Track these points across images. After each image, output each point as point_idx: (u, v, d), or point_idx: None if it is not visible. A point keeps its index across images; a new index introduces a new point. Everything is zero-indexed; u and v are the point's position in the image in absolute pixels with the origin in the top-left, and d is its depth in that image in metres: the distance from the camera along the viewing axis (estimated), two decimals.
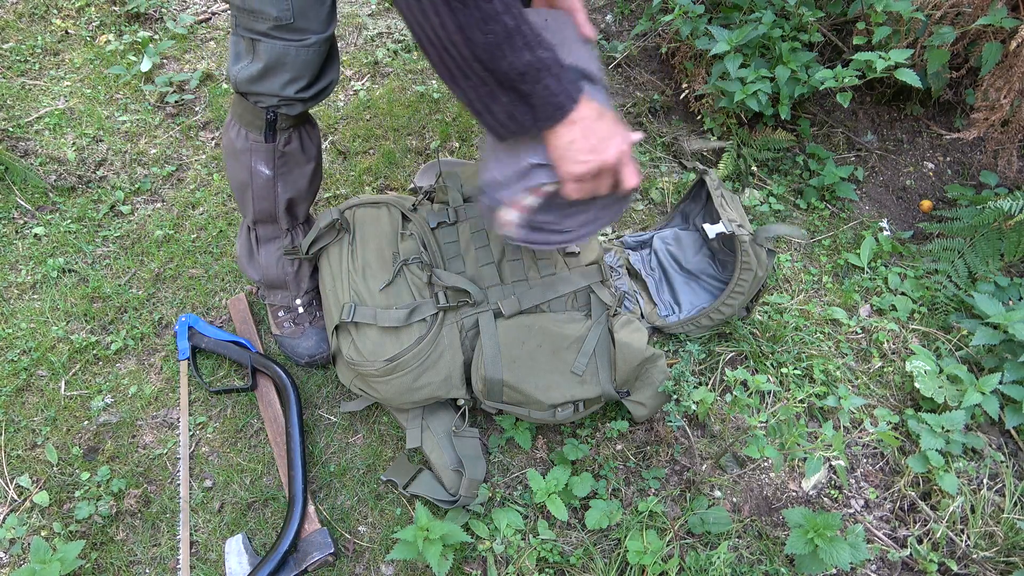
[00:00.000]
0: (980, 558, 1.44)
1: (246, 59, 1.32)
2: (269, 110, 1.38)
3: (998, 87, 1.83)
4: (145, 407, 1.63)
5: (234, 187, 1.53)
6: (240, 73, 1.33)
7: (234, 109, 1.43)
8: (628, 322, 1.46)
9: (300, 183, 1.53)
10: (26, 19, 2.44)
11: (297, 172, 1.52)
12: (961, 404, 1.59)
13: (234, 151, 1.46)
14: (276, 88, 1.33)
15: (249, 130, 1.42)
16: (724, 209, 1.66)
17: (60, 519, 1.47)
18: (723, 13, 2.03)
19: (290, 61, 1.29)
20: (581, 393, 1.43)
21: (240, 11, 1.25)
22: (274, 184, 1.50)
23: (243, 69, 1.33)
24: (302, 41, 1.27)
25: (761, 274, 1.62)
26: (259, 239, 1.60)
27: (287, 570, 1.37)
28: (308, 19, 1.24)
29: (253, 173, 1.47)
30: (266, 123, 1.40)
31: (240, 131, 1.43)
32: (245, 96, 1.38)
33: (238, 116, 1.42)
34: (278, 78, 1.32)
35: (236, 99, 1.40)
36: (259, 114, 1.39)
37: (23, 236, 1.91)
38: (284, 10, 1.22)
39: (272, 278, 1.63)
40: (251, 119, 1.41)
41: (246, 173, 1.48)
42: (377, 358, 1.42)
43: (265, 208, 1.53)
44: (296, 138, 1.48)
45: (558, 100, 1.02)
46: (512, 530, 1.44)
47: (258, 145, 1.43)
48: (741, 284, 1.62)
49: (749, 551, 1.46)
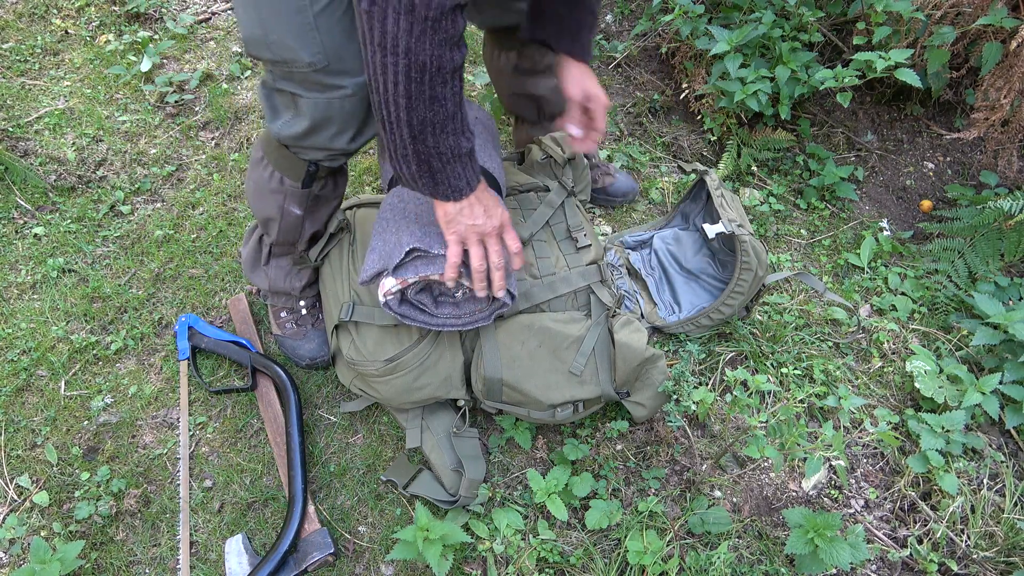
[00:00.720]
0: (980, 558, 1.44)
1: (287, 114, 1.30)
2: (311, 163, 1.37)
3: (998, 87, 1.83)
4: (145, 407, 1.63)
5: (258, 216, 1.50)
6: (284, 130, 1.30)
7: (269, 151, 1.39)
8: (628, 322, 1.46)
9: (325, 217, 1.53)
10: (26, 19, 2.44)
11: (324, 209, 1.52)
12: (961, 404, 1.59)
13: (266, 190, 1.43)
14: (323, 142, 1.31)
15: (286, 175, 1.40)
16: (724, 209, 1.66)
17: (60, 519, 1.47)
18: (723, 13, 2.03)
19: (335, 114, 1.26)
20: (580, 393, 1.43)
21: (274, 64, 1.21)
22: (303, 222, 1.49)
23: (286, 126, 1.30)
24: (342, 90, 1.23)
25: (761, 273, 1.62)
26: (272, 254, 1.60)
27: (287, 570, 1.37)
28: (343, 60, 1.20)
29: (284, 212, 1.46)
30: (307, 173, 1.38)
31: (274, 174, 1.40)
32: (286, 146, 1.36)
33: (275, 161, 1.39)
34: (325, 132, 1.29)
35: (275, 146, 1.37)
36: (300, 164, 1.37)
37: (23, 236, 1.91)
38: (316, 54, 1.17)
39: (279, 289, 1.63)
40: (289, 167, 1.38)
41: (275, 211, 1.46)
42: (377, 358, 1.42)
43: (289, 239, 1.53)
44: (331, 183, 1.47)
45: (459, 184, 1.14)
46: (512, 530, 1.44)
47: (294, 189, 1.42)
48: (741, 284, 1.62)
49: (749, 551, 1.46)
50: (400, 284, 1.28)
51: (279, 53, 1.18)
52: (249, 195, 1.49)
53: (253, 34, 1.18)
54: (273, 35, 1.16)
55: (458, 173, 1.13)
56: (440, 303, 1.35)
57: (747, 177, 2.10)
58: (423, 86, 1.00)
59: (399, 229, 1.28)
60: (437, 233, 1.25)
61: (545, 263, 1.54)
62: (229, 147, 2.15)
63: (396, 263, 1.25)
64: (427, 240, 1.24)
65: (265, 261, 1.61)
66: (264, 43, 1.17)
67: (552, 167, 1.68)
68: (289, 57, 1.18)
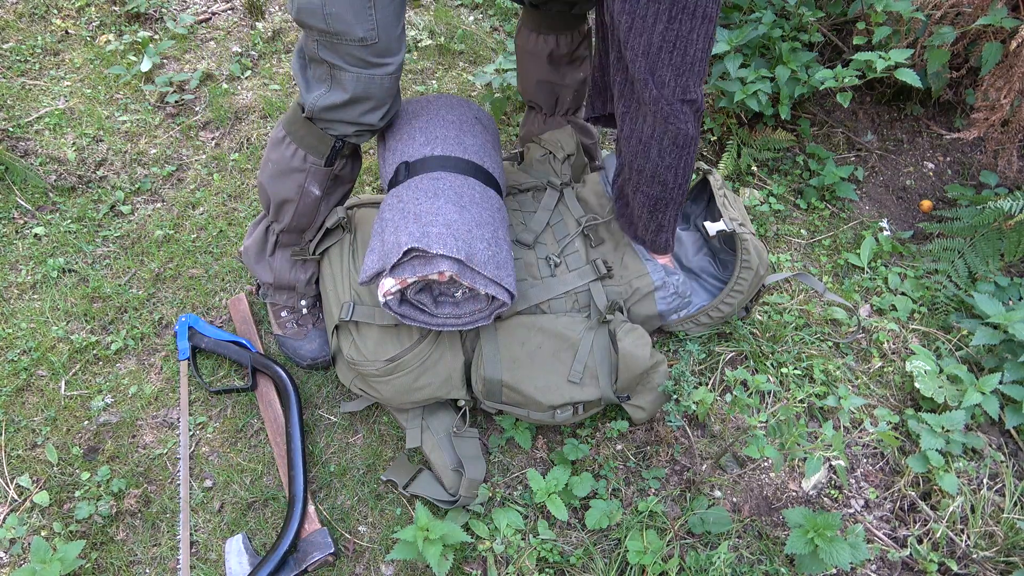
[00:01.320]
0: (980, 558, 1.44)
1: (322, 87, 1.32)
2: (339, 139, 1.39)
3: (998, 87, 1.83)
4: (145, 407, 1.63)
5: (273, 199, 1.51)
6: (319, 101, 1.32)
7: (293, 129, 1.41)
8: (632, 329, 1.46)
9: (337, 202, 1.55)
10: (26, 19, 2.44)
11: (340, 191, 1.54)
12: (961, 404, 1.59)
13: (287, 170, 1.45)
14: (356, 116, 1.34)
15: (310, 153, 1.42)
16: (727, 208, 1.66)
17: (60, 519, 1.47)
18: (723, 13, 2.03)
19: (375, 90, 1.30)
20: (580, 395, 1.43)
21: (323, 34, 1.24)
22: (319, 203, 1.51)
23: (322, 97, 1.32)
24: (385, 67, 1.28)
25: (762, 272, 1.62)
26: (279, 243, 1.60)
27: (287, 570, 1.37)
28: (390, 39, 1.25)
29: (303, 193, 1.47)
30: (332, 150, 1.41)
31: (297, 151, 1.42)
32: (313, 121, 1.37)
33: (299, 138, 1.41)
34: (360, 107, 1.33)
35: (301, 122, 1.39)
36: (326, 140, 1.39)
37: (23, 236, 1.91)
38: (369, 30, 1.22)
39: (283, 282, 1.63)
40: (315, 144, 1.40)
41: (295, 191, 1.47)
42: (378, 358, 1.42)
43: (303, 223, 1.54)
44: (350, 162, 1.50)
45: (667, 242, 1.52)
46: (512, 530, 1.44)
47: (316, 168, 1.44)
48: (741, 282, 1.61)
49: (749, 551, 1.46)
50: (399, 284, 1.28)
51: (333, 25, 1.21)
52: (266, 178, 1.50)
53: (311, 2, 1.20)
54: (332, 7, 1.19)
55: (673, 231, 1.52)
56: (440, 303, 1.36)
57: (747, 177, 2.10)
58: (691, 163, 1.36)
59: (398, 229, 1.28)
60: (436, 233, 1.25)
61: (545, 264, 1.54)
62: (229, 147, 2.15)
63: (394, 263, 1.25)
64: (425, 240, 1.24)
65: (271, 251, 1.61)
66: (320, 13, 1.20)
67: (551, 163, 1.69)
68: (342, 30, 1.21)
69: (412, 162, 1.42)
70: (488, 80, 2.19)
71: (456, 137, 1.46)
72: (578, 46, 1.72)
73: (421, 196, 1.33)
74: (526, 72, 1.81)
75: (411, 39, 2.48)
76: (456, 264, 1.25)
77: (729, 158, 2.08)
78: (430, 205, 1.31)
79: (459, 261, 1.25)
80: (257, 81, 2.33)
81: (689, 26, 1.17)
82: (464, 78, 2.38)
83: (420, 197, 1.33)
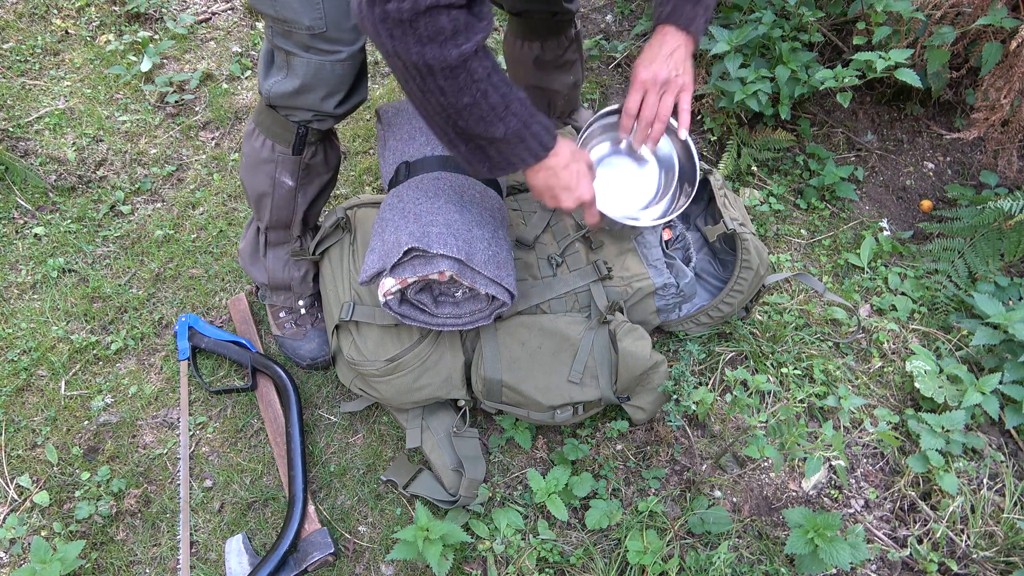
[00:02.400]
0: (980, 558, 1.44)
1: (279, 74, 1.32)
2: (301, 125, 1.38)
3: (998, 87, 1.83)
4: (145, 407, 1.63)
5: (251, 194, 1.52)
6: (274, 88, 1.32)
7: (260, 120, 1.41)
8: (632, 329, 1.46)
9: (317, 192, 1.54)
10: (26, 19, 2.44)
11: (316, 182, 1.53)
12: (961, 404, 1.59)
13: (257, 161, 1.45)
14: (312, 103, 1.33)
15: (276, 142, 1.41)
16: (727, 208, 1.66)
17: (60, 519, 1.47)
18: (723, 13, 2.03)
19: (326, 76, 1.29)
20: (580, 396, 1.43)
21: (274, 21, 1.24)
22: (295, 195, 1.50)
23: (277, 84, 1.32)
24: (336, 55, 1.27)
25: (763, 272, 1.62)
26: (268, 242, 1.60)
27: (287, 570, 1.37)
28: (341, 28, 1.24)
29: (276, 184, 1.47)
30: (296, 137, 1.40)
31: (266, 142, 1.42)
32: (275, 109, 1.37)
33: (265, 128, 1.41)
34: (314, 93, 1.32)
35: (265, 111, 1.39)
36: (289, 127, 1.39)
37: (23, 236, 1.91)
38: (317, 19, 1.21)
39: (278, 281, 1.63)
40: (279, 132, 1.40)
41: (267, 183, 1.47)
42: (378, 358, 1.42)
43: (282, 217, 1.53)
44: (321, 151, 1.48)
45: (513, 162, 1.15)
46: (512, 530, 1.44)
47: (284, 157, 1.43)
48: (741, 282, 1.61)
49: (749, 551, 1.46)
50: (399, 284, 1.28)
51: (281, 12, 1.21)
52: (243, 172, 1.50)
53: None
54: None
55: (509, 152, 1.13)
56: (440, 303, 1.36)
57: (747, 177, 2.10)
58: (427, 83, 1.02)
59: (398, 229, 1.28)
60: (436, 233, 1.25)
61: (546, 263, 1.54)
62: (229, 147, 2.15)
63: (394, 262, 1.25)
64: (426, 239, 1.24)
65: (263, 252, 1.61)
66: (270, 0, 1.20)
67: None
68: (291, 17, 1.21)
69: (412, 162, 1.42)
70: None
71: None
72: (565, 51, 1.71)
73: (421, 196, 1.33)
74: (515, 77, 1.82)
75: None
76: (456, 264, 1.25)
77: (729, 158, 2.08)
78: (430, 205, 1.31)
79: (459, 261, 1.25)
80: (257, 81, 2.33)
81: None
82: None
83: (420, 197, 1.33)
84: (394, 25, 0.95)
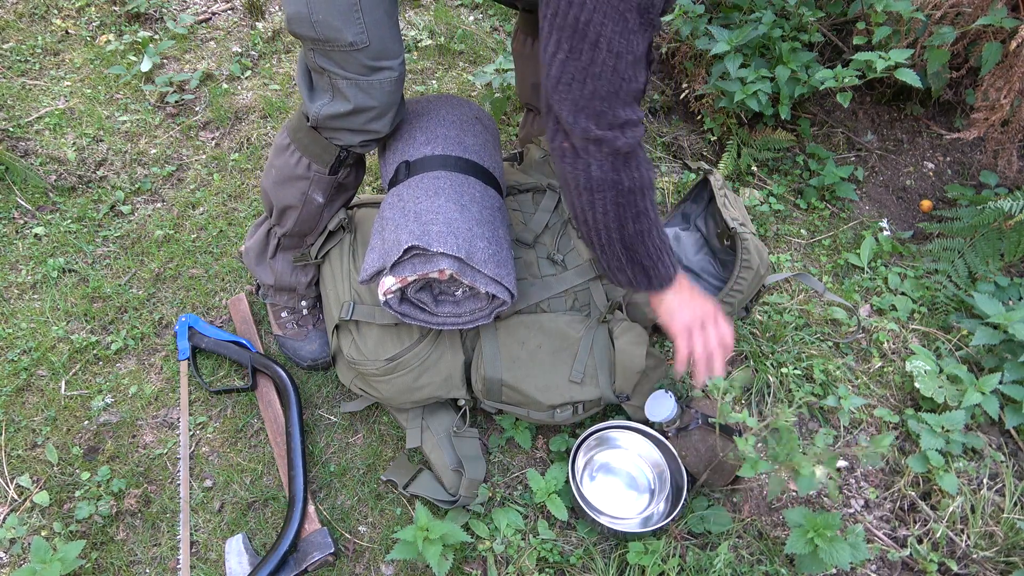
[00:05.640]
0: (980, 558, 1.44)
1: (325, 96, 1.30)
2: (343, 148, 1.38)
3: (998, 87, 1.83)
4: (145, 407, 1.63)
5: (275, 205, 1.50)
6: (323, 110, 1.31)
7: (298, 138, 1.40)
8: (629, 328, 1.46)
9: (341, 206, 1.54)
10: (26, 19, 2.44)
11: (343, 197, 1.53)
12: (961, 404, 1.59)
13: (290, 177, 1.44)
14: (361, 123, 1.32)
15: (314, 162, 1.41)
16: (727, 208, 1.66)
17: (60, 519, 1.47)
18: (723, 13, 2.03)
19: (377, 96, 1.28)
20: (580, 395, 1.43)
21: (315, 43, 1.22)
22: (322, 210, 1.50)
23: (326, 106, 1.30)
24: (383, 72, 1.25)
25: (763, 272, 1.62)
26: (281, 247, 1.60)
27: (287, 570, 1.37)
28: (384, 40, 1.22)
29: (307, 200, 1.46)
30: (336, 159, 1.40)
31: (301, 160, 1.41)
32: (318, 130, 1.36)
33: (304, 147, 1.40)
34: (365, 114, 1.31)
35: (306, 130, 1.38)
36: (331, 149, 1.38)
37: (23, 236, 1.91)
38: (359, 34, 1.19)
39: (284, 283, 1.63)
40: (319, 152, 1.39)
41: (297, 199, 1.46)
42: (378, 357, 1.42)
43: (305, 229, 1.53)
44: (354, 171, 1.48)
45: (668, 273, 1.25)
46: (512, 530, 1.44)
47: (320, 176, 1.42)
48: (741, 282, 1.61)
49: (749, 551, 1.46)
50: (399, 283, 1.28)
51: (322, 32, 1.19)
52: (269, 184, 1.49)
53: (298, 12, 1.19)
54: (318, 14, 1.17)
55: (665, 263, 1.24)
56: (440, 302, 1.36)
57: (747, 177, 2.10)
58: (628, 207, 1.15)
59: (398, 228, 1.28)
60: (436, 231, 1.25)
61: (546, 262, 1.54)
62: (229, 147, 2.15)
63: (394, 261, 1.25)
64: (426, 238, 1.24)
65: (272, 254, 1.61)
66: (308, 21, 1.19)
67: (551, 165, 1.68)
68: (332, 36, 1.19)
69: (412, 161, 1.42)
70: (488, 80, 2.19)
71: (456, 136, 1.46)
72: None
73: (421, 195, 1.33)
74: (523, 75, 1.81)
75: (411, 39, 2.48)
76: (456, 262, 1.25)
77: (729, 158, 2.08)
78: (430, 204, 1.31)
79: (459, 259, 1.25)
80: (257, 81, 2.33)
81: (590, 58, 1.03)
82: (464, 78, 2.38)
83: (420, 196, 1.33)
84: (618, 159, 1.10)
